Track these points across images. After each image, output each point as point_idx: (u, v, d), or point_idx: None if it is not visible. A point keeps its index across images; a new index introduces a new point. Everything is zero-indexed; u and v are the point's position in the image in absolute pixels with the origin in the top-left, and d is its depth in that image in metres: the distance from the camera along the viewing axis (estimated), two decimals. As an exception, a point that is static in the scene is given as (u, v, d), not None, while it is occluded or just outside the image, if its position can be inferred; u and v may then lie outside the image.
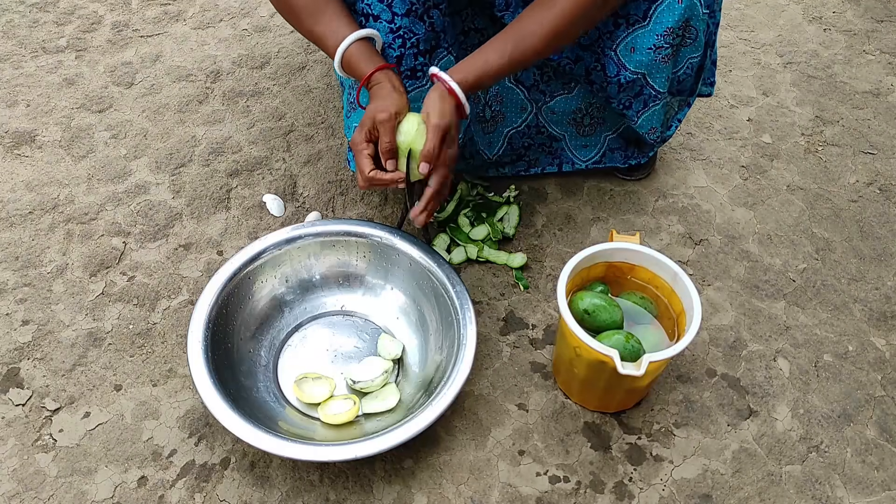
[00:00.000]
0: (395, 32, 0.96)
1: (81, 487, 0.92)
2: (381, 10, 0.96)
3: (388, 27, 0.96)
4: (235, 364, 0.98)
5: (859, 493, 0.93)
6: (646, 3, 0.99)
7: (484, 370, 1.04)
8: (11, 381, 1.02)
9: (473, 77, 0.92)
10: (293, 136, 1.38)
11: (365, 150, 0.92)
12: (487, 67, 0.93)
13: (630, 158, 1.25)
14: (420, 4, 0.95)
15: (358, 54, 0.94)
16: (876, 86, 1.52)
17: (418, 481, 0.93)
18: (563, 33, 0.93)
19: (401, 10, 0.95)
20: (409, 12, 0.95)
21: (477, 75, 0.93)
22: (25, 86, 1.46)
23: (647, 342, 0.94)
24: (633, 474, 0.94)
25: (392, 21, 0.96)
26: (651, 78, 1.05)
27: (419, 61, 0.99)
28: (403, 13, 0.95)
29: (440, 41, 1.00)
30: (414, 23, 0.96)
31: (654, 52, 1.01)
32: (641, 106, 1.10)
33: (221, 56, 1.54)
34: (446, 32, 1.01)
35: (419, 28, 0.97)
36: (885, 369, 1.06)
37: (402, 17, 0.95)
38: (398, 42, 0.97)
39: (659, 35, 1.00)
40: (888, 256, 1.20)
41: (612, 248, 0.97)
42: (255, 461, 0.94)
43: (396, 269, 1.06)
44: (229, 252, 1.18)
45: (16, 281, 1.13)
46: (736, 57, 1.58)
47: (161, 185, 1.28)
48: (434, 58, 1.01)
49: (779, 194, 1.30)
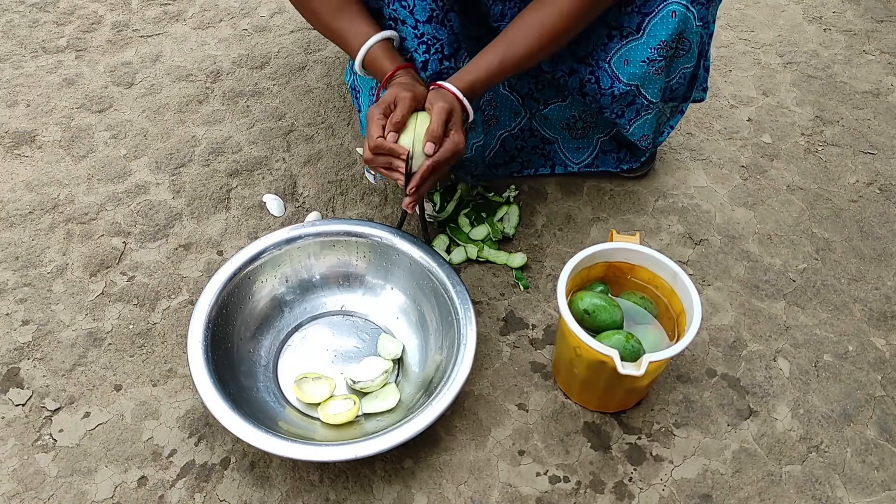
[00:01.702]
0: (419, 38, 0.98)
1: (81, 487, 0.92)
2: (406, 15, 0.97)
3: (413, 33, 0.97)
4: (235, 364, 0.98)
5: (859, 493, 0.93)
6: (639, 15, 0.99)
7: (484, 370, 1.04)
8: (11, 381, 1.02)
9: (467, 85, 0.94)
10: (293, 136, 1.38)
11: (379, 121, 0.93)
12: (481, 75, 0.95)
13: (622, 162, 1.26)
14: (440, 9, 0.96)
15: (381, 53, 0.97)
16: (876, 86, 1.52)
17: (418, 481, 0.93)
18: (555, 38, 0.96)
19: (422, 17, 0.96)
20: (430, 18, 0.96)
21: (471, 83, 0.94)
22: (25, 86, 1.46)
23: (647, 342, 0.94)
24: (633, 474, 0.94)
25: (416, 27, 0.97)
26: (644, 89, 1.06)
27: (445, 65, 1.00)
28: (425, 20, 0.96)
29: (461, 44, 1.01)
30: (437, 28, 0.97)
31: (647, 64, 1.02)
32: (634, 115, 1.10)
33: (221, 56, 1.54)
34: (463, 35, 1.02)
35: (442, 33, 0.98)
36: (885, 369, 1.06)
37: (424, 23, 0.96)
38: (423, 48, 0.98)
39: (652, 48, 1.00)
40: (888, 256, 1.20)
41: (612, 248, 0.97)
42: (255, 461, 0.94)
43: (396, 269, 1.06)
44: (229, 252, 1.18)
45: (16, 281, 1.13)
46: (736, 57, 1.59)
47: (161, 185, 1.28)
48: (458, 60, 1.02)
49: (779, 194, 1.30)
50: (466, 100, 0.94)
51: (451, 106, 0.92)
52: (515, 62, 0.96)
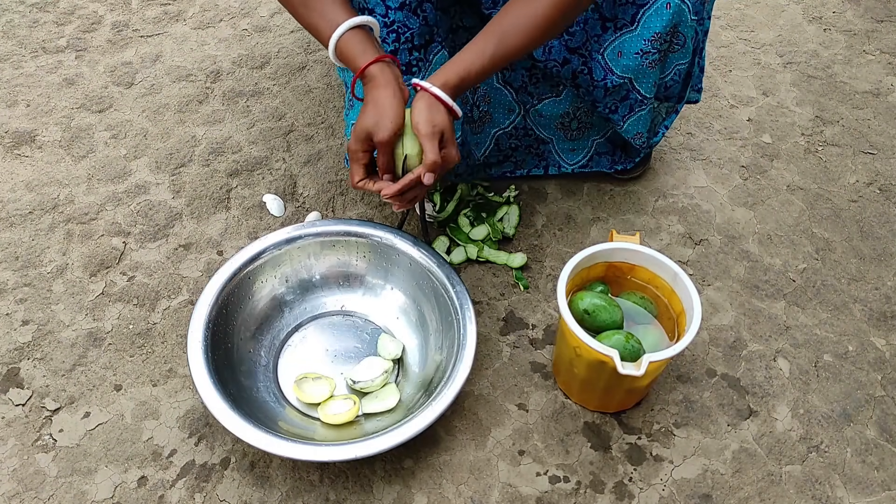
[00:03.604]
0: (389, 27, 0.95)
1: (81, 487, 0.92)
2: (376, 3, 0.94)
3: (382, 21, 0.94)
4: (235, 364, 0.98)
5: (859, 493, 0.93)
6: (634, 7, 0.99)
7: (484, 370, 1.04)
8: (11, 381, 1.02)
9: (456, 79, 0.88)
10: (293, 136, 1.38)
11: (360, 161, 0.89)
12: (470, 68, 0.89)
13: (616, 164, 1.26)
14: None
15: (353, 44, 0.88)
16: (876, 86, 1.52)
17: (418, 481, 0.93)
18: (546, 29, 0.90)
19: (394, 4, 0.93)
20: (402, 6, 0.93)
21: (459, 76, 0.88)
22: (25, 86, 1.46)
23: (647, 342, 0.94)
24: (633, 474, 0.94)
25: (386, 15, 0.94)
26: (637, 83, 1.05)
27: (414, 56, 0.97)
28: (397, 7, 0.93)
29: (434, 35, 0.99)
30: (408, 17, 0.94)
31: (641, 56, 1.01)
32: (627, 111, 1.10)
33: (221, 56, 1.54)
34: (439, 27, 0.99)
35: (413, 22, 0.95)
36: (885, 369, 1.06)
37: (395, 10, 0.93)
38: (392, 37, 0.95)
39: (646, 40, 1.00)
40: (888, 256, 1.20)
41: (612, 248, 0.97)
42: (255, 461, 0.94)
43: (396, 269, 1.06)
44: (229, 252, 1.18)
45: (16, 281, 1.13)
46: (736, 57, 1.58)
47: (161, 185, 1.28)
48: (429, 52, 0.99)
49: (779, 194, 1.30)
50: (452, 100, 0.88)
51: (442, 125, 0.86)
52: (506, 54, 0.90)
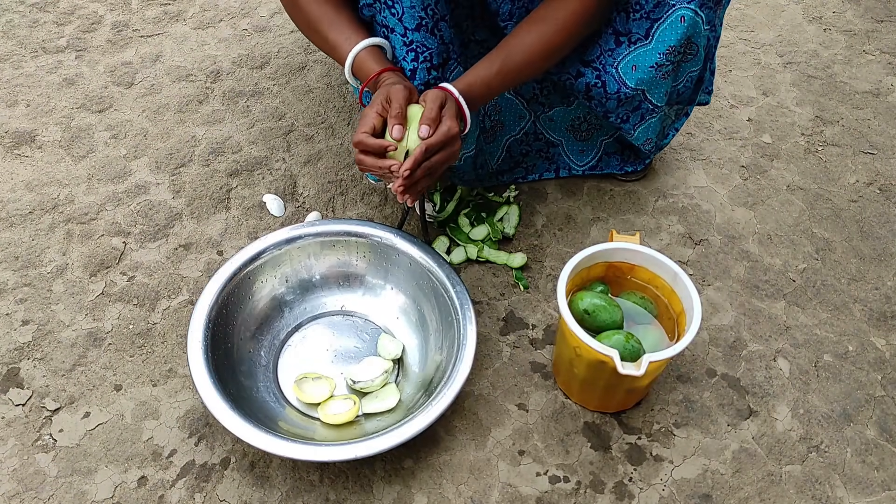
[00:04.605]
0: (408, 46, 0.97)
1: (81, 487, 0.92)
2: (395, 23, 0.96)
3: (401, 41, 0.97)
4: (235, 364, 0.98)
5: (859, 493, 0.93)
6: (648, 21, 0.99)
7: (484, 370, 1.04)
8: (11, 381, 1.02)
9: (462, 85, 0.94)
10: (293, 136, 1.38)
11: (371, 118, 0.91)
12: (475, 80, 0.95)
13: (626, 165, 1.26)
14: (429, 18, 0.95)
15: (368, 58, 0.96)
16: (876, 86, 1.52)
17: (418, 481, 0.93)
18: (557, 47, 0.95)
19: (411, 25, 0.95)
20: (419, 27, 0.95)
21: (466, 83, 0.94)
22: (25, 86, 1.46)
23: (647, 342, 0.94)
24: (633, 474, 0.94)
25: (405, 35, 0.96)
26: (650, 93, 1.05)
27: (433, 75, 0.99)
28: (414, 28, 0.95)
29: (450, 53, 1.00)
30: (426, 37, 0.96)
31: (655, 69, 1.02)
32: (638, 119, 1.10)
33: (221, 56, 1.54)
34: (454, 43, 1.01)
35: (431, 42, 0.96)
36: (885, 369, 1.06)
37: (413, 31, 0.95)
38: (411, 55, 0.97)
39: (661, 54, 1.00)
40: (888, 256, 1.20)
41: (612, 248, 0.97)
42: (255, 461, 0.94)
43: (396, 269, 1.06)
44: (229, 252, 1.18)
45: (16, 281, 1.13)
46: (736, 57, 1.58)
47: (161, 185, 1.28)
48: (446, 70, 1.00)
49: (779, 194, 1.30)
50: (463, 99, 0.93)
51: (445, 97, 0.91)
52: (515, 69, 0.95)
